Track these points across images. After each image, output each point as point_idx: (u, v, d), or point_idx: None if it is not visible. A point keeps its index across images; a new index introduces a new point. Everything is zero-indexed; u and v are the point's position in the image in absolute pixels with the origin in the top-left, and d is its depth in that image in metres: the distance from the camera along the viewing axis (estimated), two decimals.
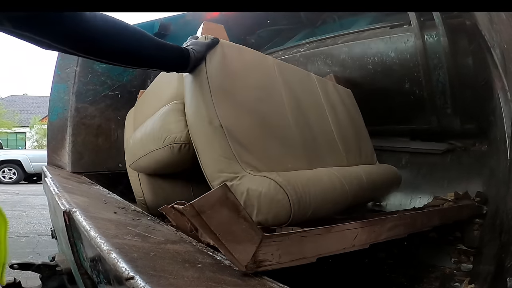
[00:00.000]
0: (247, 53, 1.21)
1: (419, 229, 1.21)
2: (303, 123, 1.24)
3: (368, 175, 1.33)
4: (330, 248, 0.79)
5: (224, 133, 0.95)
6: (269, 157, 1.02)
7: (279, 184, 0.88)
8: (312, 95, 1.43)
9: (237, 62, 1.13)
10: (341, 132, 1.45)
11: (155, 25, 2.31)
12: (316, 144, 1.25)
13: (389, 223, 1.03)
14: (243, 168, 0.93)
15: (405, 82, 1.78)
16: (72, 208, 0.83)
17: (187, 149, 1.09)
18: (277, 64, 1.30)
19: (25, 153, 9.62)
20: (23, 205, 5.11)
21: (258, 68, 1.21)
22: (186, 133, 1.08)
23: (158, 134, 1.16)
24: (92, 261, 0.69)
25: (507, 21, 0.91)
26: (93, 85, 2.05)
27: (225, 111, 0.99)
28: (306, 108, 1.30)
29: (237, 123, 1.01)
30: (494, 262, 1.12)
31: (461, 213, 1.51)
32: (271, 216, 0.87)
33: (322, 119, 1.40)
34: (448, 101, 1.73)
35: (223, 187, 0.60)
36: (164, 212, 0.98)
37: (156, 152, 1.17)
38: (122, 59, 0.86)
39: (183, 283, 0.51)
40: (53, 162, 2.05)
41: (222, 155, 0.94)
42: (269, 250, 0.63)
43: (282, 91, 1.23)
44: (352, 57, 1.89)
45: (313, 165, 1.15)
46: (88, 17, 0.72)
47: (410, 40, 1.68)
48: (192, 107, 1.03)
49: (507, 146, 1.18)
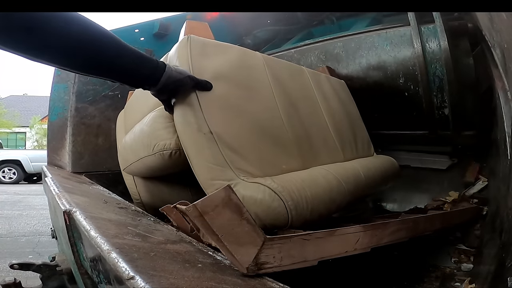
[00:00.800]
0: (233, 51, 1.16)
1: (421, 233, 1.20)
2: (296, 120, 1.20)
3: (366, 170, 1.30)
4: (332, 251, 0.78)
5: (215, 139, 0.92)
6: (262, 160, 0.99)
7: (274, 191, 0.86)
8: (304, 89, 1.39)
9: (223, 61, 1.09)
10: (336, 125, 1.41)
11: (155, 25, 2.31)
12: (310, 141, 1.22)
13: (391, 227, 1.03)
14: (237, 175, 0.90)
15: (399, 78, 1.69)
16: (72, 208, 0.83)
17: (178, 155, 1.06)
18: (266, 59, 1.25)
19: (25, 153, 9.62)
20: (23, 205, 5.11)
21: (245, 66, 1.16)
22: (175, 139, 1.04)
23: (147, 141, 1.13)
24: (92, 261, 0.69)
25: (507, 21, 0.91)
26: (93, 85, 2.05)
27: (214, 116, 0.95)
28: (298, 104, 1.26)
29: (228, 127, 0.97)
30: (494, 262, 1.12)
31: (463, 217, 1.51)
32: (269, 222, 0.86)
33: (316, 114, 1.36)
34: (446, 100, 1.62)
35: (226, 189, 0.60)
36: (165, 212, 0.98)
37: (147, 159, 1.15)
38: (93, 70, 0.80)
39: (183, 283, 0.51)
40: (53, 162, 2.05)
41: (214, 163, 0.91)
42: (271, 252, 0.63)
43: (272, 88, 1.19)
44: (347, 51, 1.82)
45: (308, 164, 1.13)
46: (60, 25, 0.67)
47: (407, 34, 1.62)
48: (179, 114, 0.98)
49: (507, 146, 1.18)
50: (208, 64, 1.04)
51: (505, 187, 1.22)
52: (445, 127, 1.68)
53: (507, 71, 1.03)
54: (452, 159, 1.93)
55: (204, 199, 0.58)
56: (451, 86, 1.54)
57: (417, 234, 1.17)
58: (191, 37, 1.05)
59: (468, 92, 1.57)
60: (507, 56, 1.00)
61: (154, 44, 2.30)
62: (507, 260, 0.95)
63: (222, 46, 1.15)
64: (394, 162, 1.63)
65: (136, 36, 2.27)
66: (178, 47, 1.07)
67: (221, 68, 1.06)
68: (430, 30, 1.56)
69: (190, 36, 1.05)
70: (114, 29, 2.17)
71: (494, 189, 1.56)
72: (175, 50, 1.07)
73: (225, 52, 1.13)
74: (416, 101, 1.68)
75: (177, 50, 1.06)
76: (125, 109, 1.71)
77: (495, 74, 1.31)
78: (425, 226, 1.24)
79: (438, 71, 1.56)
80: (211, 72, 1.02)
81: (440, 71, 1.55)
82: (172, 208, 0.79)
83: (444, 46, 1.51)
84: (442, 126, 1.69)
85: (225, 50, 1.14)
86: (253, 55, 1.24)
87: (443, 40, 1.50)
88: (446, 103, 1.60)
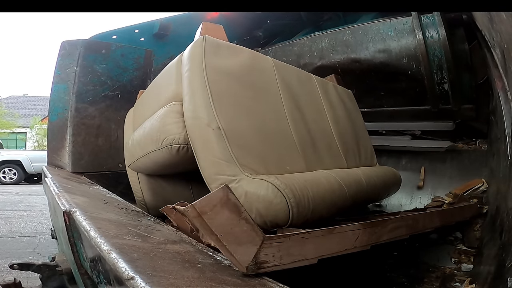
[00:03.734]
0: (245, 54, 1.20)
1: (420, 230, 1.21)
2: (302, 124, 1.23)
3: (367, 178, 1.32)
4: (332, 249, 0.78)
5: (223, 135, 0.94)
6: (267, 160, 1.01)
7: (277, 187, 0.87)
8: (311, 95, 1.42)
9: (235, 63, 1.12)
10: (341, 133, 1.44)
11: (155, 25, 2.31)
12: (314, 146, 1.25)
13: (391, 224, 1.03)
14: (242, 170, 0.92)
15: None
16: (72, 208, 0.83)
17: (185, 150, 1.08)
18: (276, 64, 1.29)
19: (26, 153, 9.62)
20: (23, 205, 5.11)
21: (256, 69, 1.20)
22: (184, 134, 1.07)
23: (156, 135, 1.16)
24: (92, 261, 0.69)
25: (507, 21, 0.91)
26: (93, 85, 2.05)
27: (224, 113, 0.98)
28: (304, 109, 1.29)
29: (236, 125, 1.00)
30: (494, 262, 1.12)
31: (463, 214, 1.51)
32: (270, 219, 0.87)
33: (322, 120, 1.39)
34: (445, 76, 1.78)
35: (224, 188, 0.60)
36: (165, 213, 0.99)
37: (154, 153, 1.17)
38: None
39: (183, 283, 0.51)
40: (53, 162, 2.05)
41: (220, 157, 0.93)
42: (270, 251, 0.63)
43: (280, 91, 1.22)
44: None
45: (312, 167, 1.15)
46: None
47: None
48: (190, 109, 1.02)
49: (507, 146, 1.18)
50: (221, 63, 1.07)
51: (505, 187, 1.22)
52: (446, 101, 1.84)
53: (507, 71, 1.03)
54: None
55: (202, 199, 0.58)
56: (449, 64, 1.70)
57: (417, 231, 1.18)
58: (206, 37, 1.09)
59: (464, 70, 1.77)
60: (507, 56, 1.00)
61: (154, 45, 2.30)
62: (507, 260, 0.95)
63: (235, 48, 1.18)
64: (396, 173, 1.68)
65: (136, 36, 2.27)
66: (192, 46, 1.10)
67: (233, 68, 1.10)
68: (429, 19, 1.71)
69: (205, 37, 1.09)
70: (114, 29, 2.17)
71: (494, 189, 1.56)
72: (190, 49, 1.10)
73: (237, 54, 1.16)
74: (418, 78, 1.83)
75: (191, 49, 1.10)
76: (135, 107, 1.73)
77: (495, 74, 1.31)
78: (425, 223, 1.25)
79: (437, 51, 1.72)
80: (223, 70, 1.06)
81: (439, 51, 1.71)
82: (172, 208, 0.79)
83: (442, 32, 1.68)
84: (443, 100, 1.85)
85: (238, 52, 1.18)
86: (264, 59, 1.28)
87: (440, 27, 1.68)
88: (445, 79, 1.77)
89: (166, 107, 1.20)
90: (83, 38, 2.05)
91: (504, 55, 1.05)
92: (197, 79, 1.01)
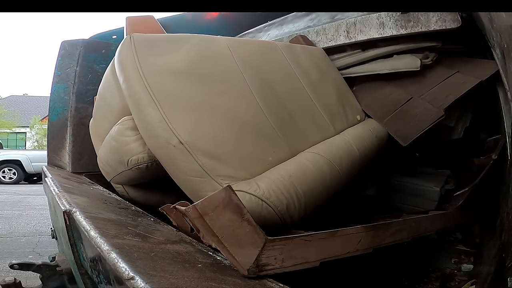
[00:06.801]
0: (190, 43, 1.03)
1: (423, 234, 1.19)
2: (275, 103, 1.09)
3: (359, 142, 1.20)
4: (334, 252, 0.77)
5: (187, 150, 0.82)
6: (245, 158, 0.90)
7: (261, 199, 0.80)
8: (280, 67, 1.26)
9: (179, 57, 0.96)
10: (321, 98, 1.30)
11: None
12: (295, 123, 1.11)
13: (393, 228, 1.02)
14: (219, 183, 0.82)
15: None
16: (72, 208, 0.83)
17: (156, 166, 0.97)
18: (230, 44, 1.12)
19: (25, 153, 9.61)
20: (23, 205, 5.10)
21: (207, 57, 1.03)
22: (148, 151, 0.96)
23: (120, 156, 1.05)
24: (92, 261, 0.69)
25: (507, 21, 0.91)
26: (93, 85, 2.05)
27: (181, 123, 0.84)
28: (275, 85, 1.15)
29: (199, 132, 0.86)
30: (494, 262, 1.11)
31: (465, 217, 1.51)
32: (262, 227, 0.84)
33: (297, 91, 1.25)
34: None
35: (226, 189, 0.59)
36: (165, 212, 0.98)
37: (126, 173, 1.09)
38: None
39: (183, 283, 0.51)
40: (53, 162, 2.05)
41: (191, 175, 0.83)
42: (272, 254, 0.62)
43: (243, 73, 1.07)
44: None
45: (296, 148, 1.04)
46: None
47: None
48: (142, 127, 0.89)
49: (507, 146, 1.18)
50: (161, 62, 0.93)
51: (505, 187, 1.22)
52: None
53: (507, 71, 1.03)
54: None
55: (204, 199, 0.57)
56: None
57: (419, 234, 1.16)
58: (134, 36, 0.94)
59: None
60: (507, 56, 1.00)
61: None
62: (507, 260, 0.95)
63: (176, 38, 1.03)
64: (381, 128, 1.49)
65: None
66: (120, 51, 0.95)
67: (178, 64, 0.94)
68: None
69: (132, 35, 0.94)
70: (114, 29, 2.17)
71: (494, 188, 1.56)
72: (118, 54, 0.95)
73: (180, 45, 1.00)
74: None
75: (119, 55, 0.94)
76: (93, 117, 1.61)
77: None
78: (427, 226, 1.23)
79: None
80: (166, 70, 0.91)
81: None
82: (172, 208, 0.79)
83: None
84: None
85: (180, 42, 1.01)
86: (214, 41, 1.11)
87: None
88: None
89: (118, 125, 1.08)
90: (83, 38, 2.05)
91: (504, 55, 1.05)
92: (137, 89, 0.87)
